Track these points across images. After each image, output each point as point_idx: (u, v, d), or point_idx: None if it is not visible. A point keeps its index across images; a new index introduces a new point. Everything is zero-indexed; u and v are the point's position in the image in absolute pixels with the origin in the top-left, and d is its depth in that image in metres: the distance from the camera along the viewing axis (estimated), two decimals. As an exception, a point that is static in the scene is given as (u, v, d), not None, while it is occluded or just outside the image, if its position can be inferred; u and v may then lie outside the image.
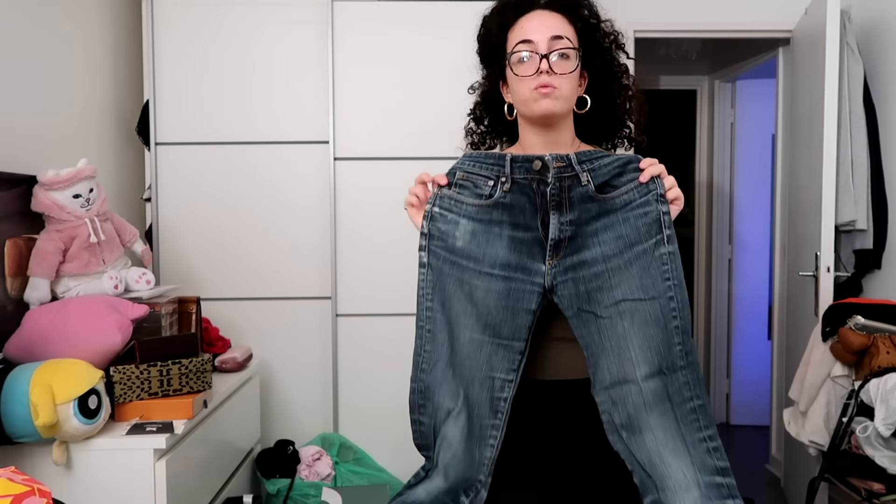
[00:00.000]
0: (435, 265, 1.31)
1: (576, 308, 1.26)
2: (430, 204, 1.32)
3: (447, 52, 2.70)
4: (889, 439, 2.11)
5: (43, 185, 1.93)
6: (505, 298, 1.26)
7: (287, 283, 2.74)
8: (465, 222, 1.28)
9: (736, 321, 4.44)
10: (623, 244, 1.24)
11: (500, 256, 1.27)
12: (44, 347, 1.73)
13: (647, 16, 3.18)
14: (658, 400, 1.22)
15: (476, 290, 1.27)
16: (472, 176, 1.30)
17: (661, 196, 1.25)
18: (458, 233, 1.28)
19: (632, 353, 1.23)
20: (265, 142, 2.72)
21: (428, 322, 1.34)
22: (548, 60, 1.30)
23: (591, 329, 1.26)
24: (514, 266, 1.26)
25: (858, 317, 2.30)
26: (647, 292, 1.23)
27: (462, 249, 1.28)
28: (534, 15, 1.34)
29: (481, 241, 1.28)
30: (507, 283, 1.26)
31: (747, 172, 4.42)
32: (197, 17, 2.68)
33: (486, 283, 1.27)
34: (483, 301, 1.27)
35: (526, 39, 1.32)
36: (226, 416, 2.13)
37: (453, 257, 1.29)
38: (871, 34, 2.95)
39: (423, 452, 1.40)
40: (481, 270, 1.27)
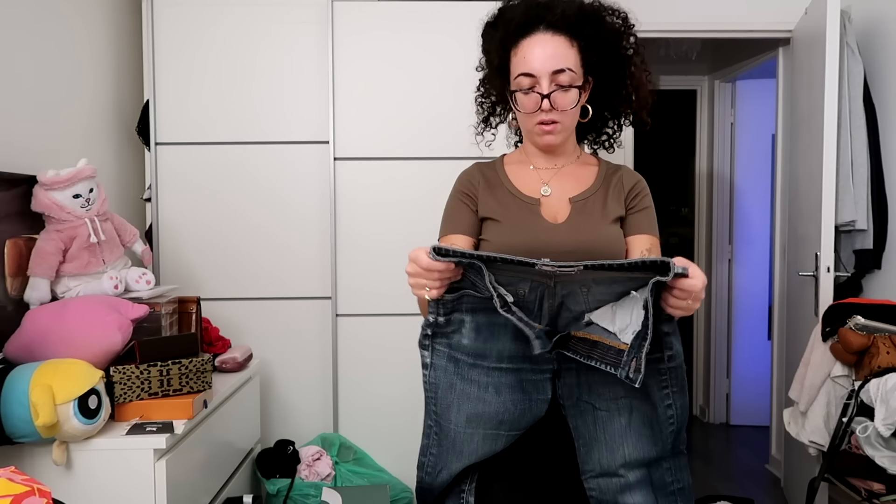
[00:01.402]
0: (439, 365, 1.25)
1: (575, 398, 1.26)
2: (432, 313, 1.24)
3: (447, 51, 2.71)
4: (889, 439, 2.11)
5: (43, 185, 1.93)
6: (520, 392, 1.24)
7: (287, 283, 2.74)
8: (469, 318, 1.23)
9: (736, 321, 4.44)
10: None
11: (507, 349, 1.23)
12: (44, 347, 1.73)
13: (647, 16, 3.16)
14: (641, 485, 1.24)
15: (489, 388, 1.24)
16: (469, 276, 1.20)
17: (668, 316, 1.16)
18: (464, 330, 1.24)
19: (625, 451, 1.23)
20: (265, 142, 2.72)
21: (435, 424, 1.30)
22: (549, 100, 1.31)
23: (587, 419, 1.25)
24: (521, 357, 1.23)
25: (858, 317, 2.30)
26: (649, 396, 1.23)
27: (468, 347, 1.24)
28: (535, 40, 1.32)
29: (486, 335, 1.23)
30: (517, 375, 1.24)
31: (747, 172, 4.42)
32: (197, 17, 2.68)
33: (497, 379, 1.23)
34: (497, 398, 1.23)
35: (528, 73, 1.31)
36: (226, 416, 2.13)
37: (460, 356, 1.25)
38: (871, 34, 2.95)
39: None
40: (490, 367, 1.24)
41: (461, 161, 1.62)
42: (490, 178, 1.44)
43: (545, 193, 1.39)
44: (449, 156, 2.69)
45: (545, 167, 1.43)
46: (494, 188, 1.42)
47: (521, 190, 1.40)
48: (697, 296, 1.10)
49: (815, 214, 2.75)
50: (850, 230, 2.87)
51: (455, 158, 2.67)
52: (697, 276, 1.09)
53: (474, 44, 1.50)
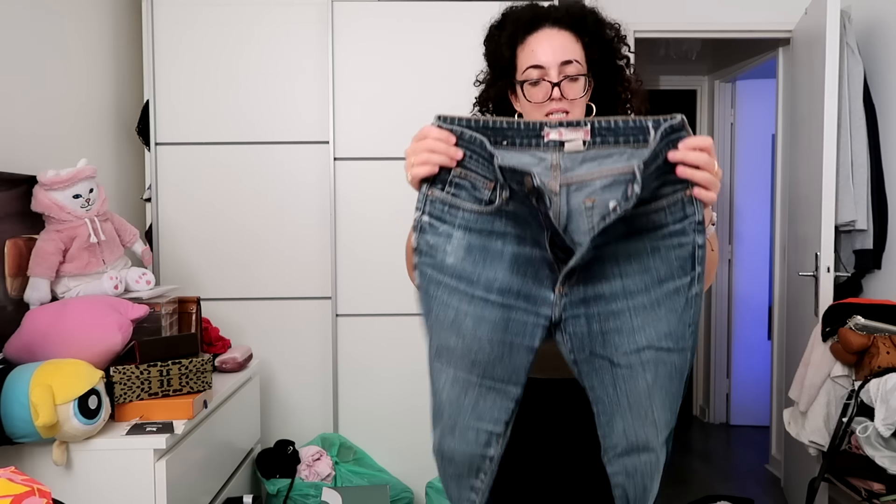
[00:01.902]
0: (422, 286, 1.08)
1: (587, 352, 1.04)
2: (418, 211, 1.11)
3: (447, 51, 2.70)
4: (889, 439, 2.11)
5: (43, 185, 1.93)
6: (501, 331, 1.04)
7: (287, 283, 2.74)
8: (460, 235, 1.06)
9: (736, 321, 4.44)
10: (650, 279, 1.02)
11: (498, 279, 1.04)
12: (44, 347, 1.73)
13: (647, 16, 3.18)
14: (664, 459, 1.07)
15: (465, 319, 1.04)
16: (471, 175, 1.07)
17: (699, 224, 1.01)
18: (450, 247, 1.06)
19: (654, 415, 1.03)
20: (265, 142, 2.72)
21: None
22: (559, 88, 1.31)
23: (604, 379, 1.04)
24: (515, 292, 1.04)
25: (858, 317, 2.30)
26: (676, 342, 1.02)
27: (452, 267, 1.05)
28: (543, 35, 1.35)
29: (477, 258, 1.05)
30: (505, 311, 1.04)
31: (747, 172, 4.42)
32: (197, 17, 2.68)
33: (478, 311, 1.04)
34: (473, 333, 1.04)
35: (536, 65, 1.33)
36: (226, 416, 2.13)
37: (441, 277, 1.06)
38: (871, 34, 2.95)
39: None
40: (474, 294, 1.04)
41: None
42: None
43: None
44: (449, 156, 2.69)
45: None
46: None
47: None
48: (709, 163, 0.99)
49: (815, 214, 2.75)
50: (850, 230, 2.87)
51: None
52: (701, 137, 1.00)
53: (474, 43, 1.50)
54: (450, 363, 1.06)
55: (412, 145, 1.11)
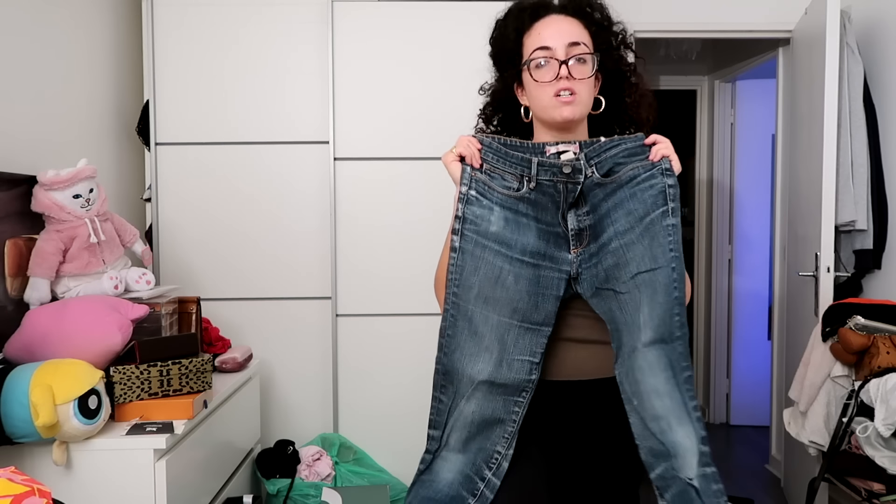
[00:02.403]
0: (467, 249, 1.32)
1: (595, 288, 1.31)
2: (464, 186, 1.33)
3: (447, 51, 2.70)
4: (889, 439, 2.11)
5: (43, 185, 1.93)
6: (535, 285, 1.30)
7: (287, 283, 2.74)
8: (498, 209, 1.31)
9: (736, 321, 4.44)
10: (633, 219, 1.29)
11: (530, 244, 1.31)
12: (44, 347, 1.73)
13: (647, 16, 3.18)
14: (663, 367, 1.28)
15: (508, 276, 1.30)
16: (498, 170, 1.33)
17: (666, 170, 1.30)
18: (493, 217, 1.31)
19: (640, 320, 1.28)
20: (265, 142, 2.72)
21: (453, 307, 1.33)
22: (567, 66, 1.32)
23: (611, 305, 1.30)
24: (542, 254, 1.31)
25: (858, 317, 2.30)
26: (656, 261, 1.28)
27: (496, 234, 1.31)
28: (550, 20, 1.36)
29: (513, 227, 1.31)
30: (536, 270, 1.31)
31: (747, 172, 4.41)
32: (197, 18, 2.68)
33: (517, 269, 1.30)
34: (514, 286, 1.30)
35: (544, 46, 1.34)
36: (226, 416, 2.13)
37: (486, 241, 1.31)
38: (871, 34, 2.95)
39: (431, 431, 1.38)
40: (513, 256, 1.30)
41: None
42: None
43: None
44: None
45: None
46: None
47: None
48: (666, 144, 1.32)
49: (815, 214, 2.75)
50: (850, 230, 2.87)
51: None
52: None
53: (474, 43, 1.51)
54: (495, 310, 1.31)
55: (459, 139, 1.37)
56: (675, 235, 1.29)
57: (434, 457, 1.36)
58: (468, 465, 1.33)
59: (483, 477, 1.32)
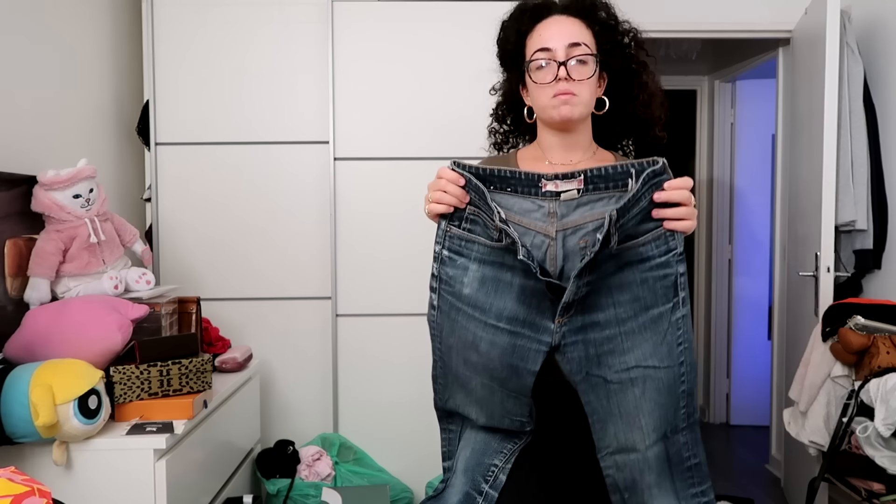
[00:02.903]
0: (444, 309, 1.25)
1: (584, 373, 1.21)
2: (438, 245, 1.24)
3: (447, 51, 2.70)
4: (889, 439, 2.11)
5: (43, 185, 1.93)
6: (509, 355, 1.21)
7: (287, 283, 2.74)
8: (475, 267, 1.22)
9: (736, 321, 4.44)
10: (639, 307, 1.18)
11: (507, 308, 1.21)
12: (44, 347, 1.73)
13: (647, 16, 3.15)
14: (658, 461, 1.22)
15: (481, 343, 1.22)
16: (482, 214, 1.21)
17: (680, 255, 1.17)
18: (467, 279, 1.22)
19: (642, 422, 1.19)
20: (265, 142, 2.72)
21: (440, 360, 1.32)
22: (565, 67, 1.31)
23: (599, 394, 1.21)
24: (521, 320, 1.21)
25: (858, 317, 2.30)
26: (661, 360, 1.18)
27: (469, 297, 1.22)
28: (551, 21, 1.35)
29: (489, 289, 1.21)
30: (512, 338, 1.21)
31: (747, 172, 4.42)
32: (197, 17, 2.68)
33: (490, 336, 1.21)
34: (487, 354, 1.22)
35: (544, 47, 1.33)
36: (226, 416, 2.13)
37: (460, 304, 1.23)
38: (871, 34, 2.95)
39: (445, 463, 1.38)
40: (487, 322, 1.21)
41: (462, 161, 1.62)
42: None
43: None
44: (450, 156, 2.68)
45: (561, 163, 1.41)
46: None
47: None
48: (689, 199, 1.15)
49: (815, 214, 2.75)
50: (850, 230, 2.87)
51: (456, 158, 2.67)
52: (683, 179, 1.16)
53: (475, 43, 1.51)
54: (475, 372, 1.25)
55: (431, 183, 1.25)
56: (685, 327, 1.19)
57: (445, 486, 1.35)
58: (468, 482, 1.32)
59: (481, 491, 1.31)
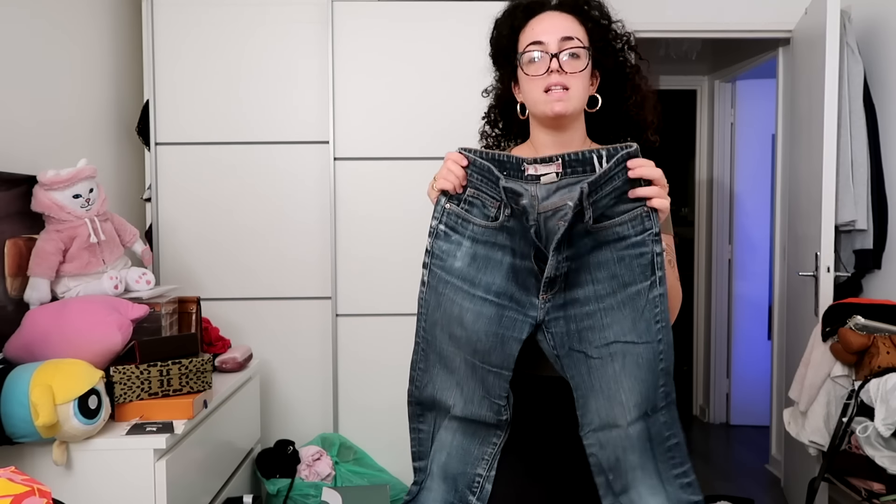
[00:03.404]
0: (432, 284, 1.28)
1: (567, 348, 1.23)
2: (435, 220, 1.27)
3: (447, 51, 2.70)
4: (889, 439, 2.11)
5: (43, 185, 1.93)
6: (496, 325, 1.24)
7: (287, 283, 2.74)
8: (468, 244, 1.25)
9: (736, 321, 4.44)
10: (617, 284, 1.21)
11: (495, 283, 1.24)
12: (44, 347, 1.73)
13: (647, 16, 3.18)
14: (640, 441, 1.22)
15: (467, 314, 1.24)
16: (482, 195, 1.25)
17: (656, 235, 1.20)
18: (459, 254, 1.25)
19: (622, 397, 1.21)
20: (265, 142, 2.72)
21: (423, 340, 1.34)
22: (558, 60, 1.31)
23: (581, 369, 1.23)
24: (508, 296, 1.24)
25: (858, 317, 2.30)
26: (640, 336, 1.21)
27: (459, 270, 1.26)
28: (544, 16, 1.36)
29: (480, 265, 1.25)
30: (499, 309, 1.24)
31: (747, 172, 4.42)
32: (197, 17, 2.68)
33: (478, 307, 1.24)
34: (473, 326, 1.24)
35: (537, 41, 1.33)
36: (226, 416, 2.13)
37: (449, 277, 1.26)
38: (871, 34, 2.95)
39: (416, 463, 1.40)
40: (475, 294, 1.24)
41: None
42: None
43: None
44: (449, 156, 2.69)
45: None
46: None
47: None
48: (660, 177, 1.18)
49: (815, 214, 2.75)
50: (850, 230, 2.87)
51: (455, 158, 2.67)
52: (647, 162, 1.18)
53: (474, 43, 1.50)
54: (459, 347, 1.27)
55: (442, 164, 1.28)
56: (663, 305, 1.21)
57: (420, 488, 1.36)
58: (450, 492, 1.32)
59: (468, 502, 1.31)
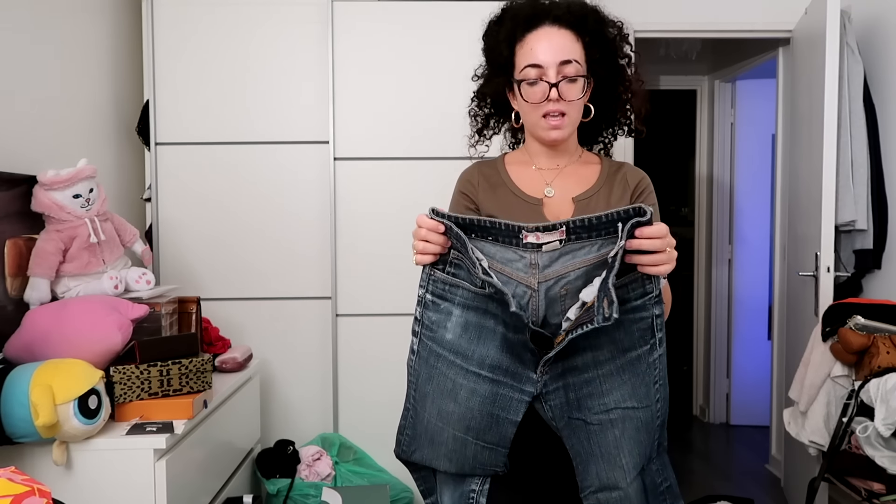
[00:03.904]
0: (423, 355, 1.24)
1: (566, 418, 1.21)
2: (422, 289, 1.23)
3: (447, 51, 2.70)
4: (889, 439, 2.11)
5: (43, 185, 1.93)
6: (490, 404, 1.20)
7: (287, 283, 2.74)
8: (458, 312, 1.21)
9: (736, 321, 4.44)
10: (616, 350, 1.19)
11: (489, 356, 1.20)
12: (44, 347, 1.73)
13: (647, 16, 3.18)
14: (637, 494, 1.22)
15: (461, 391, 1.21)
16: (465, 260, 1.19)
17: (656, 298, 1.17)
18: (450, 324, 1.21)
19: (623, 461, 1.20)
20: (265, 142, 2.72)
21: (412, 409, 1.30)
22: (557, 89, 1.31)
23: (580, 436, 1.21)
24: (504, 369, 1.20)
25: (858, 317, 2.30)
26: (640, 401, 1.20)
27: (451, 343, 1.21)
28: (542, 33, 1.34)
29: (472, 335, 1.20)
30: (494, 386, 1.20)
31: (747, 172, 4.41)
32: (197, 17, 2.68)
33: (472, 384, 1.20)
34: (467, 403, 1.20)
35: (535, 64, 1.32)
36: (226, 416, 2.13)
37: (441, 350, 1.22)
38: (871, 34, 2.95)
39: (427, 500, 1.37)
40: (468, 369, 1.21)
41: (462, 161, 1.62)
42: (491, 178, 1.44)
43: (549, 194, 1.40)
44: (449, 156, 2.69)
45: (548, 167, 1.43)
46: (496, 188, 1.42)
47: (524, 190, 1.41)
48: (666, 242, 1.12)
49: (815, 214, 2.75)
50: (850, 230, 2.87)
51: (455, 158, 2.67)
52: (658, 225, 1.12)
53: (475, 43, 1.50)
54: (449, 424, 1.23)
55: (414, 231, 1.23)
56: (662, 365, 1.20)
57: None
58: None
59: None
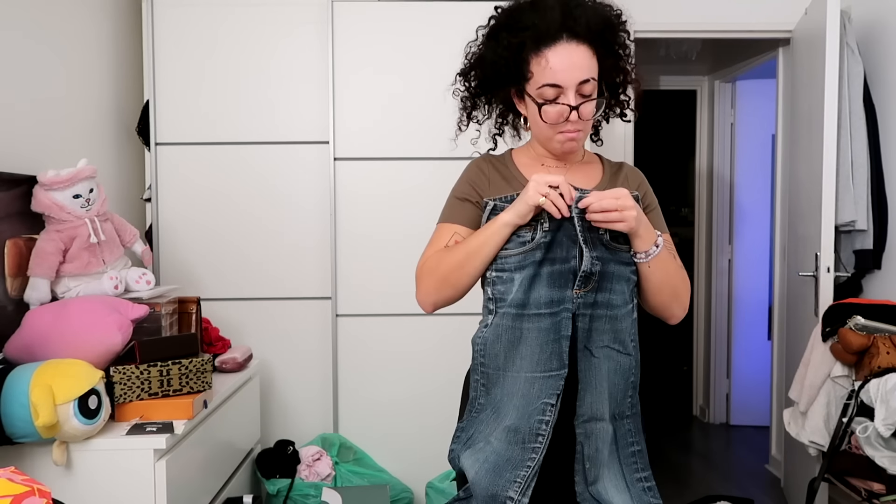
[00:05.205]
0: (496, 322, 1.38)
1: (583, 344, 1.36)
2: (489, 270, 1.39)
3: (447, 51, 2.69)
4: (889, 439, 2.11)
5: (43, 185, 1.93)
6: (550, 332, 1.35)
7: (287, 283, 2.74)
8: (518, 276, 1.35)
9: (736, 321, 4.44)
10: (621, 300, 1.37)
11: (543, 296, 1.34)
12: (44, 347, 1.73)
13: (647, 16, 3.18)
14: (611, 441, 1.37)
15: (529, 333, 1.35)
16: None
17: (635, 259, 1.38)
18: (514, 287, 1.35)
19: (606, 395, 1.37)
20: (265, 142, 2.72)
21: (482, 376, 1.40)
22: (577, 111, 1.33)
23: (585, 365, 1.36)
24: (555, 301, 1.35)
25: (858, 317, 2.30)
26: (625, 347, 1.39)
27: (518, 300, 1.36)
28: (561, 49, 1.31)
29: (528, 287, 1.35)
30: (552, 318, 1.35)
31: (747, 172, 4.41)
32: (197, 18, 2.68)
33: (534, 324, 1.35)
34: (536, 342, 1.35)
35: (554, 84, 1.31)
36: (226, 416, 2.13)
37: (512, 310, 1.36)
38: (871, 34, 2.95)
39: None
40: (529, 314, 1.35)
41: (462, 161, 1.63)
42: (503, 172, 1.46)
43: None
44: (449, 156, 2.68)
45: (555, 165, 1.47)
46: (509, 181, 1.45)
47: None
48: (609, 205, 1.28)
49: (815, 214, 2.75)
50: (850, 230, 2.87)
51: (456, 158, 2.67)
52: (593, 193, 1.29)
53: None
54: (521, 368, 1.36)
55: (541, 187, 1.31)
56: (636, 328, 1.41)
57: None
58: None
59: None
